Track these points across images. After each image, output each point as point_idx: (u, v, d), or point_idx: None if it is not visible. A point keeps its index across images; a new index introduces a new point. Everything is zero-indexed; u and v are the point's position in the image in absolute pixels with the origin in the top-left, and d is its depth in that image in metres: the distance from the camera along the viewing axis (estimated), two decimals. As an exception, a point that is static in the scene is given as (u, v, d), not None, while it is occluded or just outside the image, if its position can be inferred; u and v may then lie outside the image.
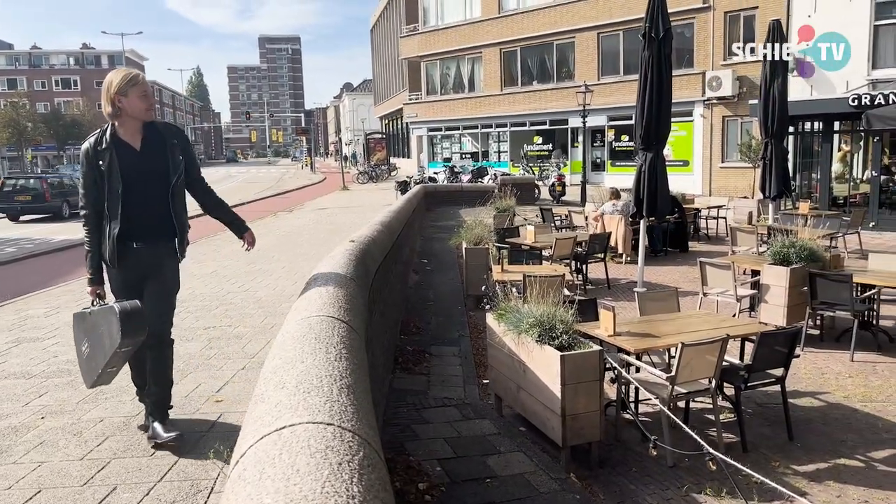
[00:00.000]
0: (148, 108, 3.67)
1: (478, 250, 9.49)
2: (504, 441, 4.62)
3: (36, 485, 3.31)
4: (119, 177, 3.56)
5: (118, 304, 3.45)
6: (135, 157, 3.64)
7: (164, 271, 3.80)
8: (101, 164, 3.57)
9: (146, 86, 3.68)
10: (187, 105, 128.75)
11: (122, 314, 3.38)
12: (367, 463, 1.34)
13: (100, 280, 3.69)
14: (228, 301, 7.86)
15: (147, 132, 3.70)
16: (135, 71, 3.73)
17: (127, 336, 3.38)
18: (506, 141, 35.37)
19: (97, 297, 3.66)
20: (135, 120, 3.64)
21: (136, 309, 3.45)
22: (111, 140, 3.60)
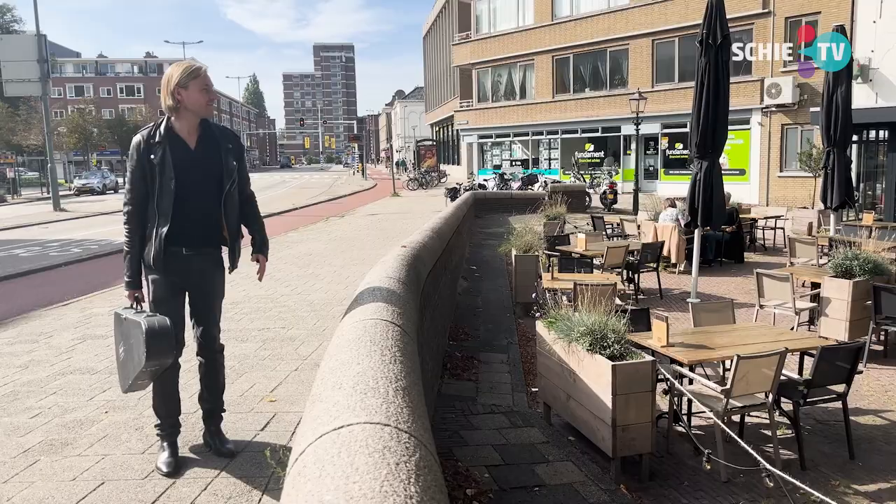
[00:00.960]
0: (208, 102, 3.49)
1: (527, 258, 9.46)
2: (553, 450, 4.59)
3: (100, 477, 3.44)
4: (172, 172, 3.37)
5: (146, 321, 3.20)
6: (189, 154, 3.46)
7: (211, 280, 3.64)
8: (152, 158, 3.38)
9: (208, 79, 3.49)
10: (243, 111, 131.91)
11: (148, 333, 3.14)
12: (423, 464, 1.36)
13: (138, 284, 3.49)
14: (282, 304, 8.02)
15: (203, 131, 3.53)
16: (197, 63, 3.55)
17: (152, 357, 3.17)
18: (557, 148, 35.20)
19: (135, 301, 3.47)
20: (193, 115, 3.46)
21: (165, 329, 3.21)
22: (165, 134, 3.42)
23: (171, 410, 3.62)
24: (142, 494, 3.23)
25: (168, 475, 3.42)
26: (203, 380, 3.74)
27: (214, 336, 3.72)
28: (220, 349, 3.77)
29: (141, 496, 3.21)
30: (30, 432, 4.10)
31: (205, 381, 3.73)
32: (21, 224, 23.35)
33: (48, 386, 5.06)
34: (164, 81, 3.42)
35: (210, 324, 3.68)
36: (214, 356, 3.72)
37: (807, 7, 22.58)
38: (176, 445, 3.60)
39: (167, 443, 3.58)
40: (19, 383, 5.16)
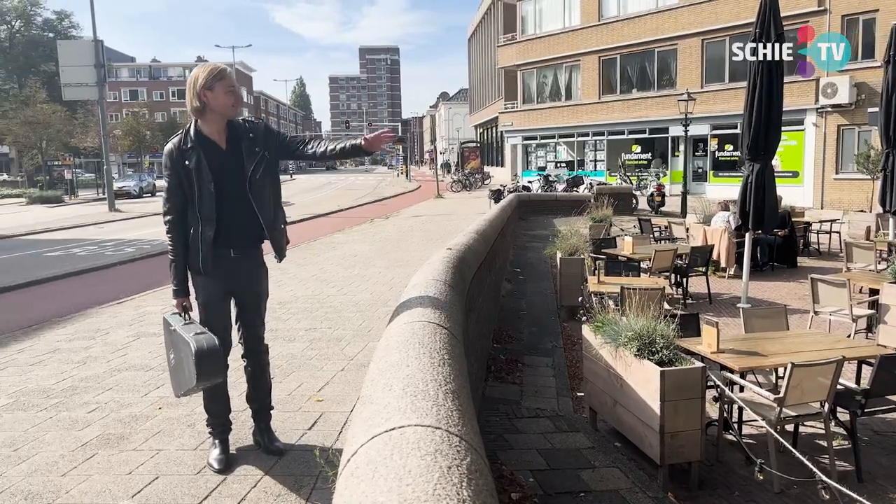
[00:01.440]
0: (234, 103, 3.44)
1: (573, 260, 9.37)
2: (599, 455, 4.54)
3: (154, 471, 3.54)
4: (209, 175, 3.36)
5: (195, 341, 3.19)
6: (221, 155, 3.44)
7: (256, 280, 3.65)
8: (187, 164, 3.36)
9: (233, 80, 3.45)
10: (290, 114, 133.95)
11: (197, 355, 3.14)
12: (474, 468, 1.36)
13: (185, 291, 3.49)
14: (328, 304, 8.12)
15: (230, 131, 3.50)
16: (221, 65, 3.48)
17: (202, 378, 3.20)
18: (603, 150, 34.83)
19: (183, 309, 3.48)
20: (220, 117, 3.43)
21: (213, 349, 3.21)
22: (196, 138, 3.40)
23: (221, 409, 3.68)
24: (194, 489, 3.31)
25: (219, 472, 3.50)
26: (251, 380, 3.77)
27: (261, 337, 3.74)
28: (265, 350, 3.80)
29: (194, 491, 3.29)
30: (87, 426, 4.24)
31: (252, 381, 3.76)
32: (78, 224, 24.15)
33: (105, 382, 5.23)
34: (190, 84, 3.39)
35: (257, 325, 3.71)
36: (261, 357, 3.75)
37: (864, 4, 21.89)
38: (227, 443, 3.68)
39: (218, 440, 3.65)
40: (77, 378, 5.34)
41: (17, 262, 14.43)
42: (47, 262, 14.46)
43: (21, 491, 3.36)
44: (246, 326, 3.68)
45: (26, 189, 48.05)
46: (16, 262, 14.44)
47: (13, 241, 19.18)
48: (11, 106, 46.79)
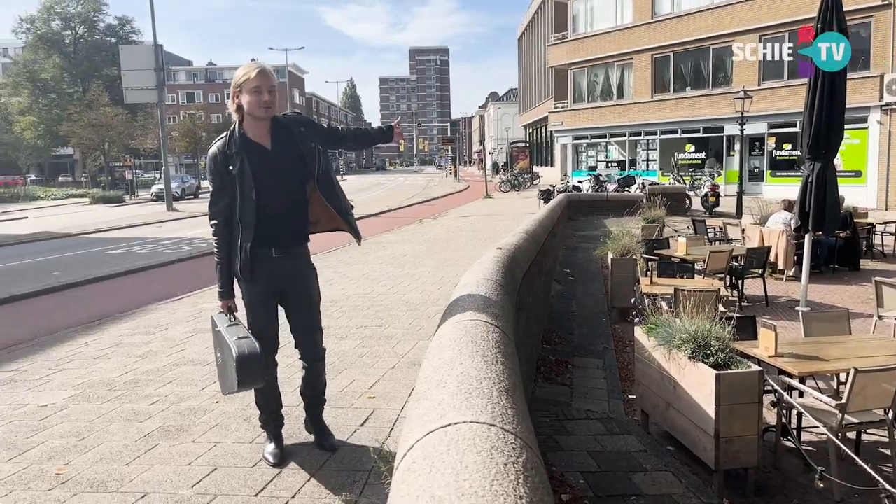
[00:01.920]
0: (260, 104, 3.27)
1: (624, 261, 9.25)
2: (651, 459, 4.47)
3: (212, 463, 3.64)
4: (252, 181, 3.28)
5: (237, 346, 3.17)
6: (267, 156, 3.34)
7: (305, 280, 3.55)
8: (231, 169, 3.30)
9: (261, 80, 3.26)
10: (341, 115, 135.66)
11: (238, 360, 3.14)
12: (530, 466, 1.36)
13: (230, 293, 3.46)
14: (379, 303, 8.20)
15: (275, 128, 3.39)
16: (256, 65, 3.36)
17: (243, 384, 3.22)
18: (655, 149, 34.28)
19: (228, 310, 3.46)
20: (255, 118, 3.33)
21: (254, 355, 3.19)
22: (240, 141, 3.32)
23: (273, 405, 3.69)
24: (251, 482, 3.39)
25: (274, 465, 3.55)
26: (305, 381, 3.70)
27: (316, 340, 3.64)
28: (322, 355, 3.69)
29: (250, 483, 3.38)
30: (149, 418, 4.39)
31: (307, 382, 3.69)
32: (138, 223, 24.96)
33: (164, 375, 5.40)
34: (231, 85, 3.36)
35: (310, 327, 3.60)
36: (317, 363, 3.65)
37: (933, -4, 21.00)
38: (281, 437, 3.73)
39: (272, 435, 3.69)
40: (139, 372, 5.53)
41: (82, 260, 15.00)
42: (110, 259, 14.99)
43: (87, 479, 3.50)
44: (298, 330, 3.60)
45: (89, 189, 49.96)
46: (81, 260, 15.02)
47: (78, 240, 19.95)
48: (76, 109, 48.60)
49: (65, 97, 58.04)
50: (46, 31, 58.95)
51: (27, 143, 58.92)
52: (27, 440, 4.09)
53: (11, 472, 3.62)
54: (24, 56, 61.38)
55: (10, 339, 7.29)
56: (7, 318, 8.97)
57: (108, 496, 3.30)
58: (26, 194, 49.83)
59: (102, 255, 15.97)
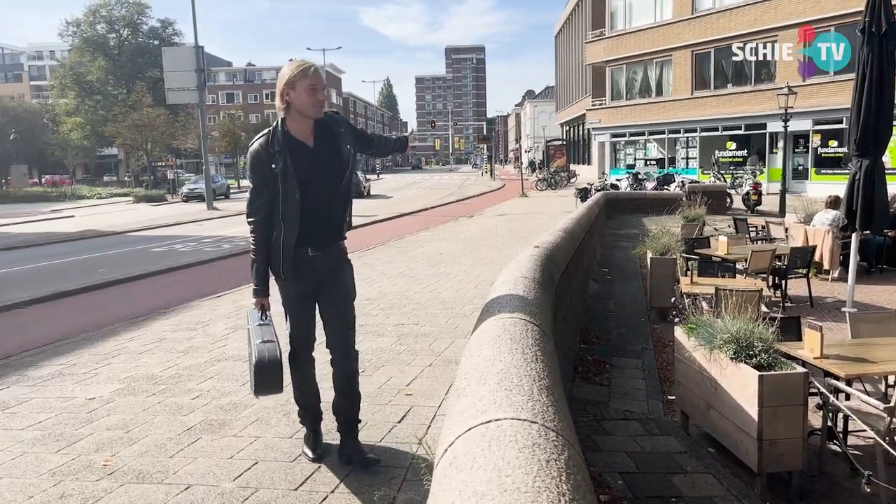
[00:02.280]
0: (315, 103, 3.28)
1: (664, 260, 9.13)
2: (691, 461, 4.41)
3: (253, 457, 3.70)
4: (295, 181, 3.25)
5: (257, 351, 3.19)
6: (309, 156, 3.32)
7: (341, 279, 3.50)
8: (273, 167, 3.26)
9: (316, 79, 3.27)
10: (378, 115, 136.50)
11: (257, 367, 3.16)
12: (572, 463, 1.36)
13: (265, 292, 3.42)
14: (415, 301, 8.23)
15: (317, 127, 3.38)
16: (308, 62, 3.34)
17: (259, 391, 3.24)
18: (695, 147, 33.74)
19: (261, 308, 3.43)
20: (303, 116, 3.32)
21: (274, 363, 3.19)
22: (284, 139, 3.29)
23: (311, 401, 3.67)
24: (291, 476, 3.44)
25: (314, 460, 3.58)
26: (339, 388, 3.59)
27: (349, 338, 3.55)
28: (355, 356, 3.61)
29: (290, 477, 3.42)
30: (192, 412, 4.48)
31: (340, 388, 3.59)
32: (179, 222, 25.48)
33: (206, 371, 5.50)
34: (278, 82, 3.32)
35: (345, 326, 3.53)
36: (350, 364, 3.57)
37: None
38: (319, 432, 3.74)
39: (311, 430, 3.70)
40: (181, 367, 5.65)
41: (126, 258, 15.37)
42: (152, 257, 15.33)
43: (133, 470, 3.59)
44: (332, 330, 3.53)
45: (133, 188, 51.14)
46: (125, 257, 15.39)
47: (122, 238, 20.45)
48: (120, 110, 49.80)
49: (109, 98, 59.50)
50: (92, 34, 60.46)
51: (74, 144, 60.58)
52: (75, 432, 4.21)
53: (60, 463, 3.73)
54: (70, 59, 63.10)
55: (58, 334, 7.51)
56: (56, 313, 9.23)
57: (153, 487, 3.38)
58: (73, 193, 51.22)
59: (145, 252, 16.34)
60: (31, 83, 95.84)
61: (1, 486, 3.46)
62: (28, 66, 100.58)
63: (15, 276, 13.01)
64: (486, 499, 1.17)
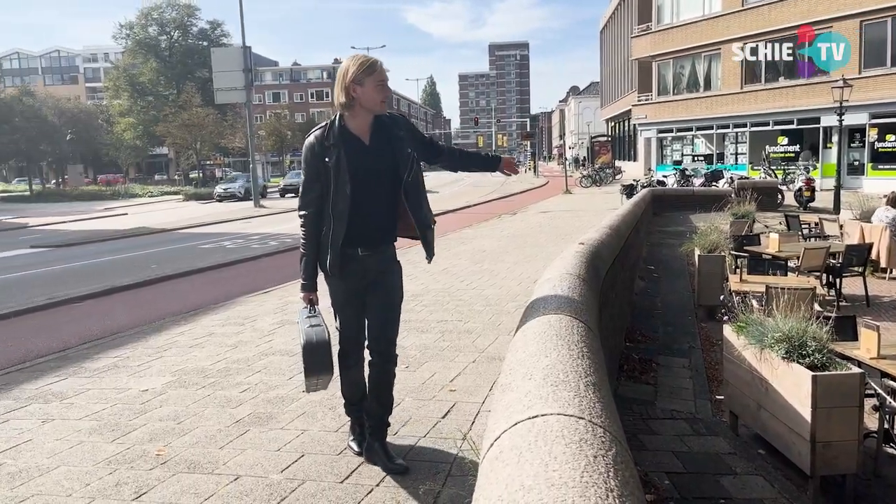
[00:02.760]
0: (383, 100, 3.27)
1: (712, 258, 8.96)
2: (740, 462, 4.32)
3: (300, 449, 3.76)
4: (347, 175, 3.21)
5: (305, 334, 3.18)
6: (364, 152, 3.27)
7: (390, 280, 3.45)
8: (327, 161, 3.22)
9: (384, 75, 3.25)
10: (421, 112, 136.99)
11: (305, 349, 3.14)
12: (620, 460, 1.35)
13: (313, 287, 3.40)
14: (458, 297, 8.24)
15: (375, 125, 3.33)
16: (373, 58, 3.27)
17: (310, 374, 3.19)
18: (745, 142, 32.97)
19: (310, 303, 3.40)
20: (367, 112, 3.27)
21: (322, 345, 3.15)
22: (339, 134, 3.25)
23: (358, 394, 3.63)
24: (337, 469, 3.48)
25: (359, 454, 3.60)
26: (373, 390, 3.52)
27: (393, 340, 3.50)
28: (394, 359, 3.53)
29: (336, 470, 3.47)
30: (240, 405, 4.57)
31: (375, 391, 3.52)
32: (227, 219, 26.00)
33: (254, 365, 5.61)
34: (339, 76, 3.22)
35: (390, 325, 3.48)
36: (389, 367, 3.49)
37: None
38: (365, 425, 3.73)
39: (357, 424, 3.69)
40: (230, 360, 5.77)
41: (177, 254, 15.77)
42: (201, 253, 15.69)
43: (185, 460, 3.68)
44: (375, 329, 3.46)
45: (182, 187, 52.44)
46: (175, 254, 15.79)
47: (172, 235, 20.97)
48: (171, 110, 51.07)
49: (160, 99, 61.05)
50: (144, 37, 62.07)
51: (127, 144, 62.34)
52: (130, 422, 4.34)
53: (116, 452, 3.85)
54: (123, 60, 64.94)
55: (113, 328, 7.75)
56: (110, 307, 9.52)
57: (203, 477, 3.46)
58: (126, 192, 52.80)
59: (195, 249, 16.73)
60: (86, 85, 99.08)
61: (59, 474, 3.59)
62: (83, 69, 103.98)
63: (71, 272, 13.46)
64: (532, 493, 1.17)
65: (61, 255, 16.64)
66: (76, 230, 24.16)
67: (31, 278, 12.80)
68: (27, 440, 4.11)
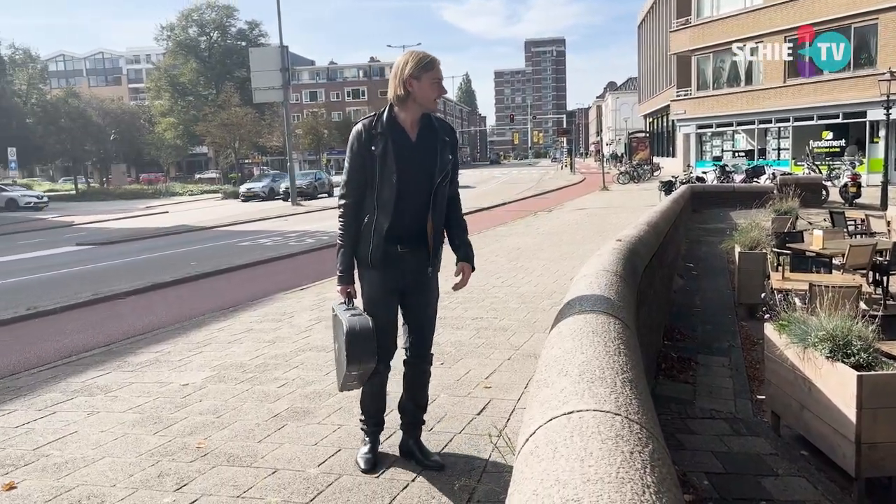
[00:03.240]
0: (437, 97, 3.28)
1: (753, 255, 8.78)
2: (782, 463, 4.23)
3: (337, 444, 3.80)
4: (394, 165, 3.19)
5: (348, 320, 3.09)
6: (410, 147, 3.25)
7: (426, 280, 3.42)
8: (373, 149, 3.20)
9: (440, 73, 3.25)
10: (456, 110, 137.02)
11: (349, 335, 3.04)
12: (657, 456, 1.33)
13: (351, 279, 3.36)
14: (493, 295, 8.23)
15: (423, 123, 3.32)
16: (431, 55, 3.27)
17: (353, 361, 3.10)
18: (787, 137, 32.24)
19: (347, 296, 3.36)
20: (419, 108, 3.26)
21: (366, 331, 3.08)
22: (388, 124, 3.24)
23: (378, 406, 3.55)
24: (372, 464, 3.50)
25: (365, 472, 3.40)
26: (408, 389, 3.52)
27: (427, 343, 3.49)
28: (430, 359, 3.52)
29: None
30: (278, 399, 4.64)
31: (411, 390, 3.51)
32: (265, 217, 26.35)
33: (291, 360, 5.68)
34: (396, 70, 3.23)
35: (426, 327, 3.47)
36: (425, 366, 3.49)
37: None
38: (378, 442, 3.58)
39: (371, 438, 3.54)
40: (268, 356, 5.85)
41: (216, 251, 16.04)
42: (240, 251, 15.93)
43: (224, 453, 3.75)
44: (411, 330, 3.45)
45: (221, 185, 53.33)
46: (215, 251, 16.07)
47: (212, 233, 21.35)
48: (210, 110, 51.94)
49: (200, 99, 62.17)
50: (184, 38, 63.25)
51: (168, 143, 63.62)
52: (171, 415, 4.43)
53: (158, 444, 3.93)
54: (164, 61, 66.32)
55: (155, 323, 7.92)
56: (152, 303, 9.73)
57: (242, 470, 3.52)
58: (167, 190, 53.87)
59: (233, 246, 17.00)
60: (129, 86, 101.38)
61: (104, 465, 3.69)
62: (126, 70, 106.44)
63: (115, 269, 13.80)
64: (568, 487, 1.16)
65: (105, 253, 17.08)
66: (119, 228, 24.76)
67: (76, 275, 13.17)
68: (73, 432, 4.23)
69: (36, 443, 4.08)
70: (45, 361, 6.31)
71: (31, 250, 18.44)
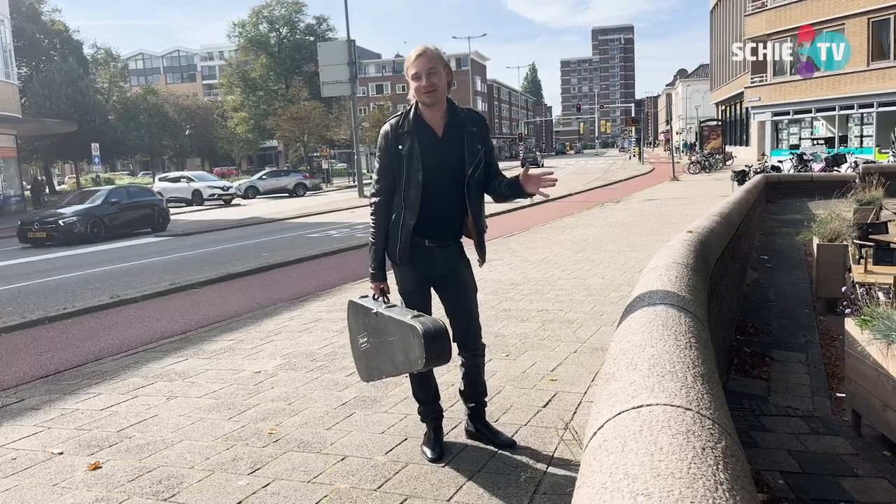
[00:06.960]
0: (420, 89, 3.21)
1: (833, 247, 8.42)
2: (863, 463, 4.05)
3: (403, 433, 3.86)
4: (420, 164, 3.24)
5: (421, 325, 2.97)
6: (436, 143, 3.30)
7: (459, 276, 3.46)
8: (400, 149, 3.27)
9: (420, 65, 3.19)
10: (521, 100, 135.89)
11: (426, 338, 2.93)
12: (730, 453, 1.30)
13: (383, 276, 3.41)
14: (559, 287, 8.16)
15: (450, 117, 3.34)
16: (420, 47, 3.27)
17: (430, 362, 3.04)
18: (871, 124, 30.72)
19: (381, 293, 3.39)
20: (437, 104, 3.29)
21: (441, 332, 2.99)
22: (414, 123, 3.29)
23: (431, 395, 3.59)
24: (438, 453, 3.54)
25: (433, 461, 3.43)
26: (466, 380, 3.57)
27: (476, 333, 3.52)
28: (482, 350, 3.56)
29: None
30: (346, 388, 4.74)
31: (468, 381, 3.57)
32: (333, 209, 26.85)
33: (359, 349, 5.77)
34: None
35: (469, 319, 3.50)
36: (476, 358, 3.53)
37: None
38: (441, 431, 3.62)
39: (432, 428, 3.58)
40: (337, 345, 5.97)
41: (287, 243, 16.45)
42: (309, 242, 16.29)
43: (295, 439, 3.86)
44: (456, 323, 3.48)
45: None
46: (286, 242, 16.49)
47: (282, 224, 21.91)
48: (280, 104, 53.19)
49: (270, 94, 63.74)
50: (255, 34, 64.90)
51: (240, 137, 65.50)
52: (244, 402, 4.59)
53: (232, 429, 4.08)
54: (236, 58, 68.19)
55: (229, 313, 8.19)
56: (226, 293, 10.07)
57: (312, 456, 3.62)
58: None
59: (303, 238, 17.39)
60: (203, 82, 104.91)
61: (182, 448, 3.85)
62: (200, 67, 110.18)
63: (191, 259, 14.33)
64: (637, 482, 1.15)
65: (182, 244, 17.75)
66: (195, 220, 25.69)
67: (156, 265, 13.73)
68: (153, 415, 4.43)
69: (119, 425, 4.29)
70: (128, 347, 6.63)
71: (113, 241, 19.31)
